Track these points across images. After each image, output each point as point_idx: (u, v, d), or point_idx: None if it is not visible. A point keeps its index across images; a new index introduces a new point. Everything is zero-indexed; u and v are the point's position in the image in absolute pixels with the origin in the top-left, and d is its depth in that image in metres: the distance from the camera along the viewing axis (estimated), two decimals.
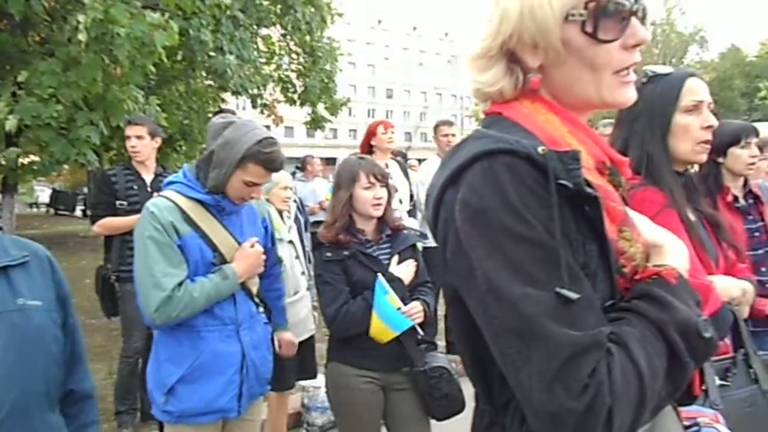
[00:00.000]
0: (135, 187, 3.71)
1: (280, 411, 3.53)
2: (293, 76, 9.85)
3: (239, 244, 2.15)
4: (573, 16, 0.84)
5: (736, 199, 2.73)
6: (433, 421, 2.40)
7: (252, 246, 2.17)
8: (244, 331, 2.15)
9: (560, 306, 0.73)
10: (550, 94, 0.91)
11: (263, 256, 2.22)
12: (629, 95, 0.89)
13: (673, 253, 0.87)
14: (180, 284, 1.97)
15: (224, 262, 2.10)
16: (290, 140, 43.82)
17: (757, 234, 2.70)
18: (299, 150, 21.09)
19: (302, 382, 3.72)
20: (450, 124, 5.26)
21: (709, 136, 1.58)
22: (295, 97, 9.83)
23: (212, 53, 7.45)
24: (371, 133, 4.28)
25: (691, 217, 1.62)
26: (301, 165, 8.00)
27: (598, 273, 0.80)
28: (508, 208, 0.76)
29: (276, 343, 2.49)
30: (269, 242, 2.40)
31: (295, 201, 5.88)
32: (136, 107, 5.00)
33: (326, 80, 9.64)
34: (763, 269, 2.69)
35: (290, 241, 3.41)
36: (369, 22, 53.24)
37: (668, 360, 0.76)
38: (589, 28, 0.84)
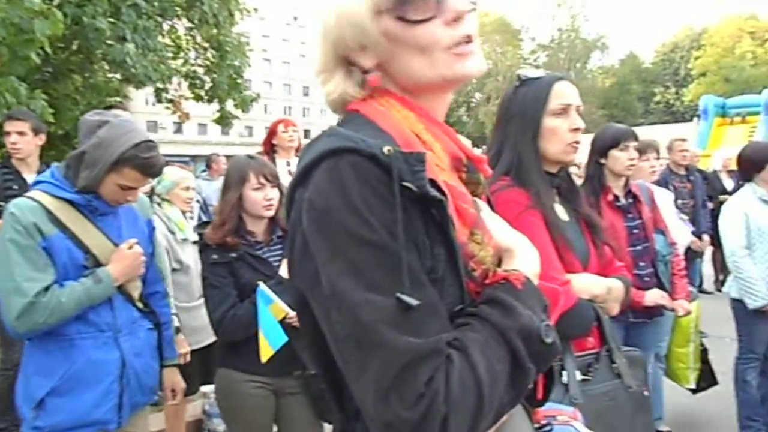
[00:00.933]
0: (14, 186, 3.46)
1: (177, 419, 3.40)
2: (201, 71, 9.52)
3: (116, 245, 2.03)
4: (382, 7, 0.84)
5: (617, 198, 2.88)
6: (326, 425, 2.37)
7: (130, 247, 2.05)
8: (124, 338, 2.04)
9: (400, 312, 0.72)
10: (400, 88, 0.91)
11: (143, 258, 2.10)
12: (471, 66, 0.88)
13: (523, 257, 0.87)
14: (46, 289, 1.84)
15: (99, 265, 1.97)
16: (204, 138, 42.47)
17: (636, 231, 2.87)
18: (213, 148, 20.49)
19: (203, 388, 3.60)
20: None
21: (577, 138, 1.64)
22: (203, 93, 9.49)
23: (111, 42, 7.05)
24: (272, 132, 4.21)
25: (564, 217, 1.68)
26: (207, 163, 7.79)
27: (447, 277, 0.79)
28: (351, 210, 0.74)
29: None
30: (150, 246, 2.26)
31: (198, 201, 5.70)
32: (18, 101, 4.63)
33: (234, 76, 9.37)
34: (642, 264, 2.86)
35: (195, 242, 3.29)
36: (284, 18, 52.54)
37: (511, 365, 0.76)
38: (399, 13, 0.84)
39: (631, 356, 1.63)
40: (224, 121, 9.97)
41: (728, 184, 7.42)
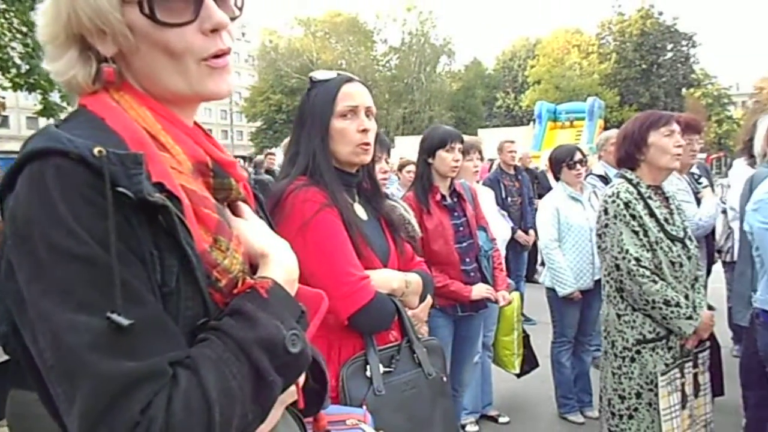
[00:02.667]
0: None
1: None
2: (15, 56, 8.53)
3: None
4: None
5: (444, 197, 3.00)
6: None
7: None
8: None
9: (112, 333, 0.64)
10: (140, 85, 0.82)
11: None
12: (222, 86, 0.83)
13: (276, 263, 0.83)
14: None
15: None
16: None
17: (461, 229, 3.00)
18: None
19: None
20: None
21: (366, 139, 1.65)
22: (21, 81, 8.51)
23: None
24: None
25: (363, 215, 1.70)
26: None
27: (184, 289, 0.73)
28: (56, 221, 0.65)
29: None
30: None
31: None
32: None
33: None
34: (468, 260, 3.00)
35: None
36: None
37: (253, 380, 0.71)
38: (146, 10, 0.77)
39: (430, 345, 1.69)
40: (48, 113, 9.04)
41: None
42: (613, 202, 2.48)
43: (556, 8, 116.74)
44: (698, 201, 3.68)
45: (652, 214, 2.47)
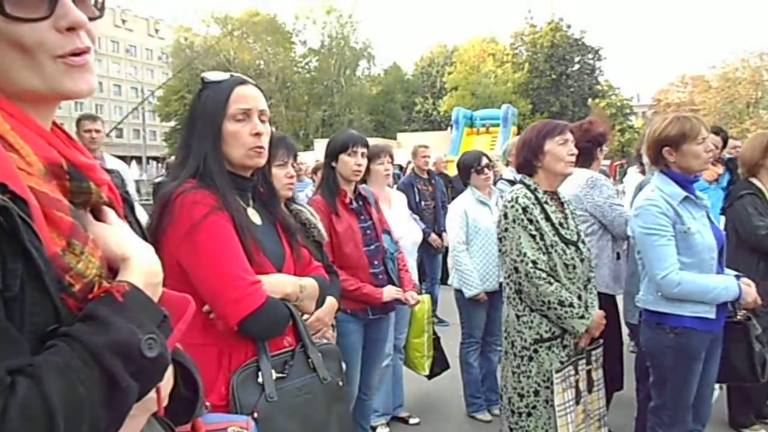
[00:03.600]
0: None
1: None
2: None
3: None
4: None
5: (351, 201, 3.00)
6: None
7: None
8: None
9: None
10: None
11: None
12: (81, 84, 0.80)
13: (137, 266, 0.81)
14: None
15: None
16: None
17: (369, 232, 3.00)
18: None
19: None
20: (94, 119, 4.77)
21: (260, 143, 1.62)
22: None
23: None
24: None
25: (257, 220, 1.67)
26: None
27: (30, 294, 0.69)
28: None
29: None
30: None
31: None
32: None
33: None
34: (376, 263, 3.01)
35: None
36: None
37: (106, 386, 0.69)
38: None
39: (326, 350, 1.68)
40: None
41: None
42: (512, 206, 2.57)
43: (473, 17, 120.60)
44: None
45: (548, 219, 2.58)
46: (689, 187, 2.57)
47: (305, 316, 1.91)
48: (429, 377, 3.94)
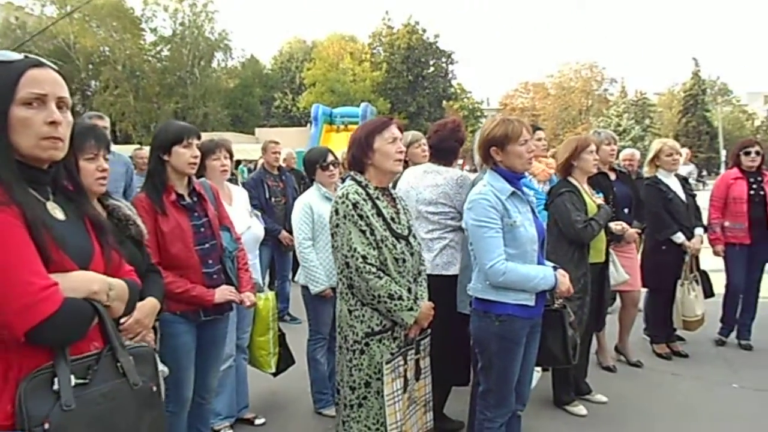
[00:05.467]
0: None
1: None
2: None
3: None
4: None
5: (181, 197, 2.84)
6: None
7: None
8: None
9: None
10: None
11: None
12: None
13: None
14: None
15: None
16: None
17: (203, 230, 2.86)
18: None
19: None
20: None
21: (56, 133, 1.46)
22: None
23: None
24: None
25: (59, 215, 1.51)
26: None
27: None
28: None
29: None
30: None
31: None
32: None
33: None
34: (210, 262, 2.87)
35: None
36: None
37: None
38: None
39: (139, 352, 1.57)
40: None
41: None
42: (343, 202, 2.60)
43: (331, 13, 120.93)
44: None
45: (379, 214, 2.63)
46: (516, 183, 2.76)
47: (123, 319, 1.77)
48: (275, 374, 3.89)
